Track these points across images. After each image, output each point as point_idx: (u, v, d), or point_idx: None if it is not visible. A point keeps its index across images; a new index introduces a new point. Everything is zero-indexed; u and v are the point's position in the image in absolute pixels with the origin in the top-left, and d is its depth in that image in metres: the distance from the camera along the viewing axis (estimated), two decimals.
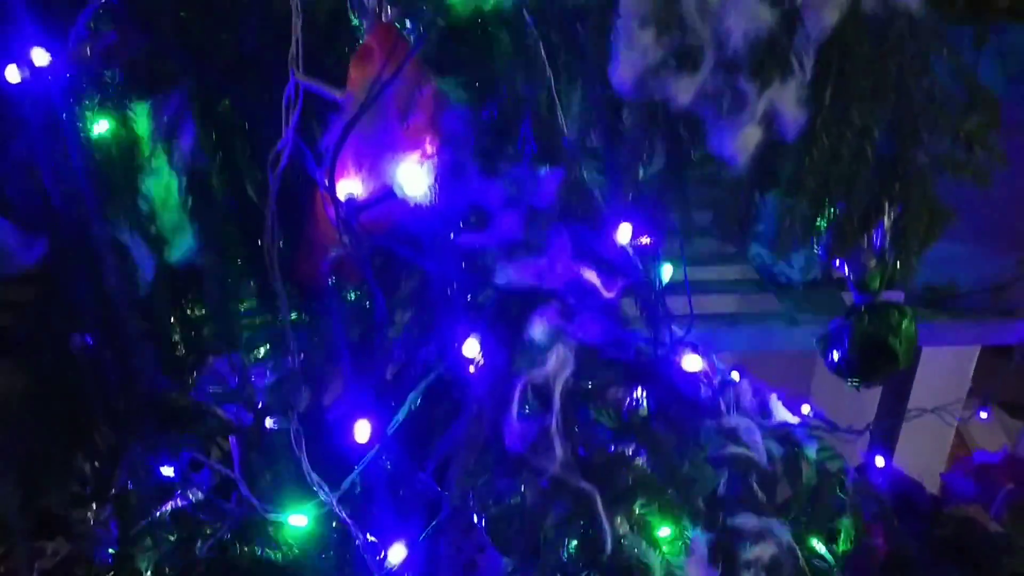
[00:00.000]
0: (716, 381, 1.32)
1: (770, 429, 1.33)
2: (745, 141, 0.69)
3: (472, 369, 0.90)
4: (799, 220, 0.73)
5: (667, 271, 1.21)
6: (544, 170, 0.97)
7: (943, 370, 2.02)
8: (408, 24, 1.03)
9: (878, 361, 0.92)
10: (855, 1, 0.71)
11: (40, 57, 0.88)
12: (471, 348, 0.87)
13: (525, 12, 1.03)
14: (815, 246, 0.76)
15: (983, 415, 1.86)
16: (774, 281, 1.81)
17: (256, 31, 0.92)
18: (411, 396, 0.94)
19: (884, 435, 2.00)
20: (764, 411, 1.37)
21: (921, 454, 2.13)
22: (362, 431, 0.89)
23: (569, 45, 1.04)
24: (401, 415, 0.95)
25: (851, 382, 1.01)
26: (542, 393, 0.86)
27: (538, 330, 0.86)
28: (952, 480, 1.80)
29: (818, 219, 0.73)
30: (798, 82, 0.69)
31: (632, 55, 0.69)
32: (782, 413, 1.37)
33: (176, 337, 0.95)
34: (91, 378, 0.92)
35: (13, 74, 0.83)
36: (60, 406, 0.94)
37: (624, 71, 0.70)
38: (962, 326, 1.88)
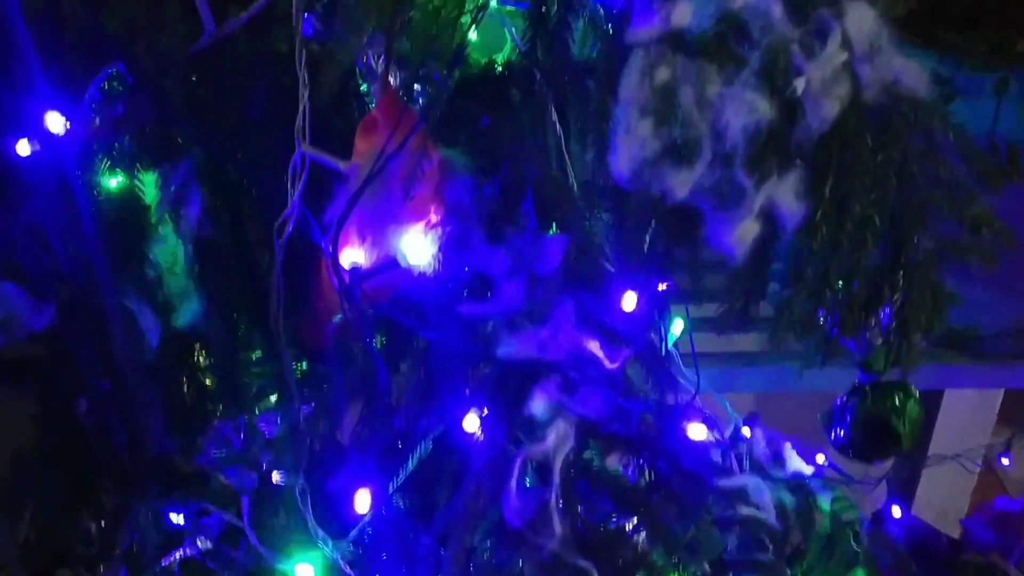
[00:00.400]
0: (727, 434, 1.32)
1: (783, 480, 1.31)
2: (743, 234, 0.68)
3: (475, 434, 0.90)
4: (798, 311, 0.72)
5: (678, 326, 1.20)
6: (549, 236, 0.97)
7: (966, 412, 2.00)
8: (418, 88, 1.04)
9: (881, 442, 0.91)
10: (856, 91, 0.70)
11: (55, 122, 0.90)
12: (471, 423, 0.87)
13: (535, 68, 1.03)
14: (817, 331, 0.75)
15: (1004, 461, 1.83)
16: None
17: (264, 100, 0.93)
18: (413, 455, 0.94)
19: (905, 478, 1.97)
20: (778, 460, 1.36)
21: (945, 493, 2.11)
22: (362, 501, 0.89)
23: (580, 101, 1.04)
24: (403, 475, 0.96)
25: (854, 461, 1.00)
26: (542, 468, 0.85)
27: (538, 405, 0.86)
28: (972, 527, 1.77)
29: (819, 309, 0.73)
30: (797, 175, 0.68)
31: (630, 145, 0.69)
32: (796, 463, 1.36)
33: (182, 401, 0.96)
34: (97, 440, 0.93)
35: (24, 148, 0.85)
36: (67, 466, 0.95)
37: (622, 161, 0.70)
38: (985, 369, 1.85)
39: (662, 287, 1.09)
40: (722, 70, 0.68)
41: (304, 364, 1.05)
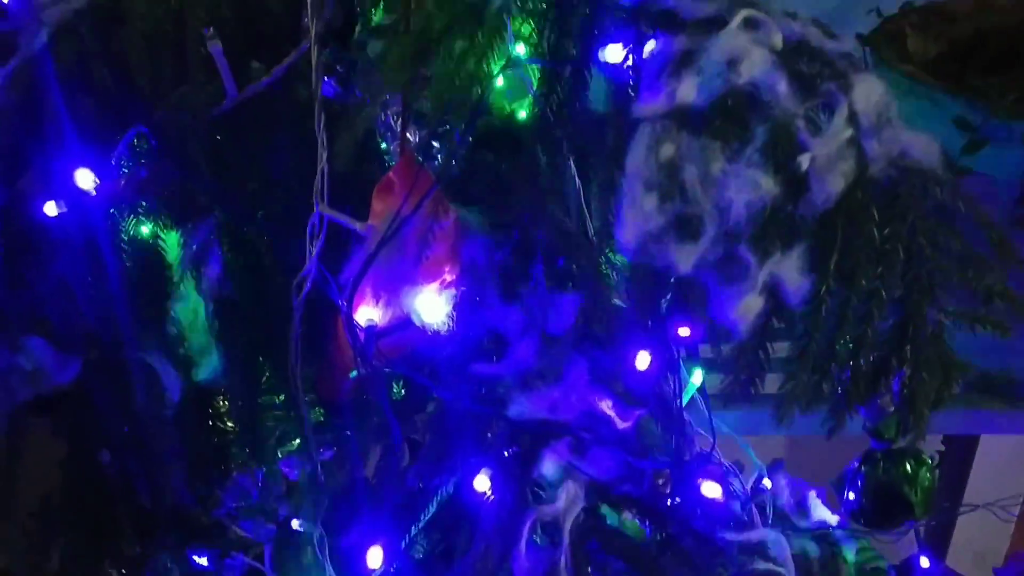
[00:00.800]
0: (749, 484, 1.31)
1: (807, 529, 1.30)
2: (746, 309, 0.69)
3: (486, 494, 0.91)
4: (802, 386, 0.72)
5: (697, 376, 1.20)
6: (563, 295, 0.97)
7: (1003, 458, 1.96)
8: (436, 145, 1.05)
9: (893, 510, 0.90)
10: (862, 166, 0.70)
11: (84, 179, 0.93)
12: (482, 482, 0.88)
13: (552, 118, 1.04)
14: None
15: None
16: None
17: (285, 159, 0.96)
18: (426, 513, 0.95)
19: (939, 525, 1.94)
20: (802, 509, 1.34)
21: (983, 539, 2.07)
22: (374, 558, 0.90)
23: (598, 153, 1.04)
24: (416, 531, 0.97)
25: (866, 529, 0.99)
26: (551, 529, 0.86)
27: (549, 467, 0.87)
28: None
29: (823, 382, 0.72)
30: (801, 250, 0.69)
31: (636, 219, 0.70)
32: (821, 512, 1.34)
33: (202, 453, 0.98)
34: (119, 490, 0.96)
35: (51, 208, 0.88)
36: (90, 514, 0.98)
37: (628, 235, 0.70)
38: (1021, 415, 1.82)
39: (684, 332, 1.09)
40: (726, 147, 0.68)
41: (323, 414, 1.07)
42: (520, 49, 1.01)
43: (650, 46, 0.77)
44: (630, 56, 0.79)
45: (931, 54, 1.71)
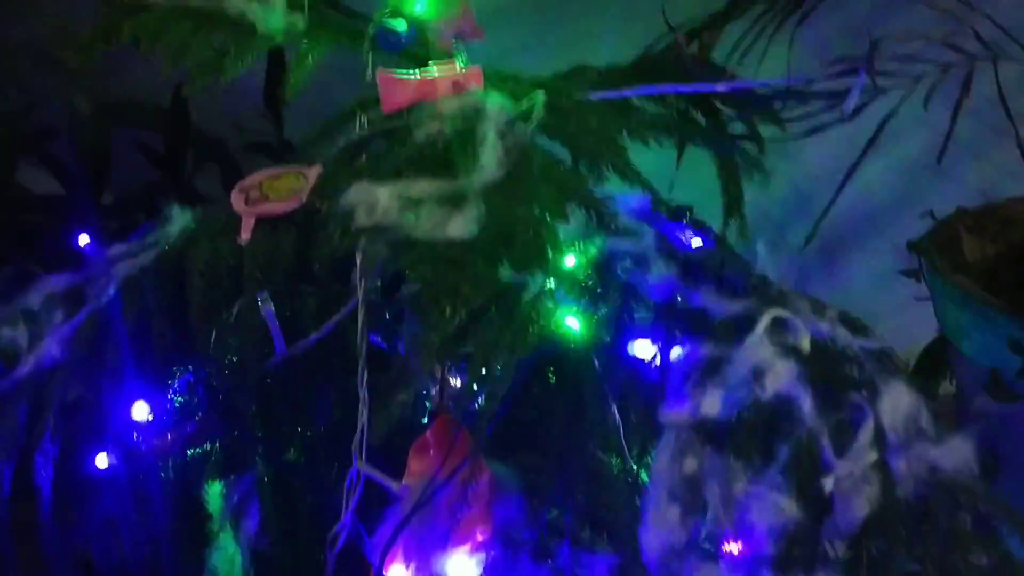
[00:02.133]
0: None
1: None
2: None
3: None
4: None
5: None
6: (598, 552, 0.97)
7: None
8: (477, 388, 1.07)
9: None
10: (889, 487, 0.70)
11: (141, 412, 0.97)
12: None
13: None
14: None
15: None
16: None
17: (327, 410, 0.99)
18: None
19: None
20: None
21: None
22: None
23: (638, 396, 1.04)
24: None
25: None
26: None
27: None
28: None
29: None
30: (826, 574, 0.68)
31: (660, 529, 0.70)
32: None
33: None
34: None
35: (102, 461, 0.92)
36: None
37: (652, 544, 0.70)
38: None
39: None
40: (748, 466, 0.69)
41: None
42: (570, 260, 1.03)
43: (677, 351, 0.78)
44: (658, 355, 0.80)
45: (989, 257, 1.68)
